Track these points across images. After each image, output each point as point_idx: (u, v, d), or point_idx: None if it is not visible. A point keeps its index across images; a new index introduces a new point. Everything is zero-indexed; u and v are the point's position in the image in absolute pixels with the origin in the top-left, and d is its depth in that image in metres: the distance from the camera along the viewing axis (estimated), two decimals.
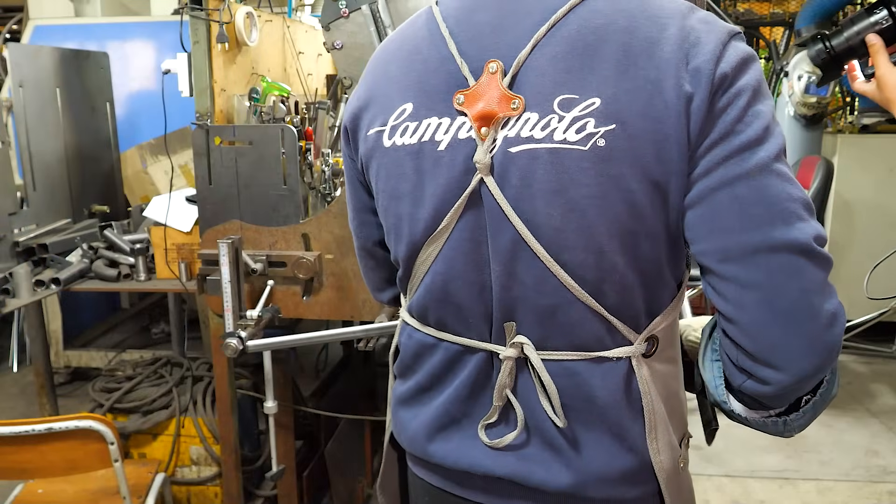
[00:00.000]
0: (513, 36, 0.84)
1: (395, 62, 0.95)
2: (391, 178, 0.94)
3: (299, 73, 2.87)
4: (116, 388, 2.70)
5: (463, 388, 0.96)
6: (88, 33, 4.31)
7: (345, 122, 1.01)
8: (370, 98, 0.96)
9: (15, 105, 2.76)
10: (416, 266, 0.96)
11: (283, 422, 2.39)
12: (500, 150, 0.84)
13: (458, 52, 0.87)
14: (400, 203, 0.93)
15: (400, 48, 0.96)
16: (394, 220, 0.96)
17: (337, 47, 1.92)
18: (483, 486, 0.97)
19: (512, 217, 0.84)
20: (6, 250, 2.61)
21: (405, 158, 0.90)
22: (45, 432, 1.80)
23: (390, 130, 0.92)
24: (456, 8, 0.91)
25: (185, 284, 2.51)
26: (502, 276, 0.88)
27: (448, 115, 0.87)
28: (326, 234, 2.07)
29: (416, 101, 0.90)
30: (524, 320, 0.89)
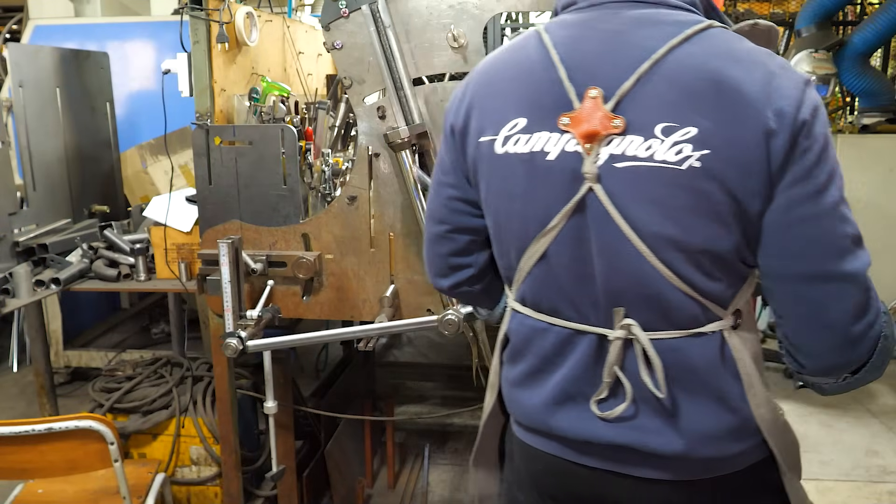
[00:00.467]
0: (616, 68, 1.00)
1: (507, 81, 1.11)
2: (504, 181, 1.10)
3: (299, 73, 2.87)
4: (116, 388, 2.70)
5: (575, 368, 1.11)
6: (88, 33, 4.31)
7: (451, 121, 1.18)
8: (479, 107, 1.13)
9: (15, 105, 2.76)
10: (525, 259, 1.11)
11: (283, 422, 2.39)
12: (605, 164, 1.00)
13: (567, 79, 1.03)
14: (512, 203, 1.10)
15: (511, 68, 1.12)
16: (504, 218, 1.13)
17: (337, 47, 1.92)
18: (599, 453, 1.12)
19: (619, 221, 1.00)
20: (6, 250, 2.61)
21: (517, 165, 1.07)
22: (45, 432, 1.81)
23: (503, 140, 1.08)
24: (564, 36, 1.07)
25: (185, 284, 2.51)
26: (607, 269, 1.04)
27: (557, 132, 1.03)
28: (326, 234, 2.07)
29: (529, 116, 1.06)
30: (629, 306, 1.04)
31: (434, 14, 1.88)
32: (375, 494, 3.06)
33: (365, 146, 1.97)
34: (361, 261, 2.07)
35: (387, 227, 2.03)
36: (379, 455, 3.29)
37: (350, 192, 2.02)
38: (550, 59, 1.04)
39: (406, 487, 3.07)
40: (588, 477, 1.14)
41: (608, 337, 1.06)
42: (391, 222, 2.03)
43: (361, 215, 2.04)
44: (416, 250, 2.03)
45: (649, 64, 0.98)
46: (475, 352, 2.07)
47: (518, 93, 1.08)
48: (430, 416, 3.78)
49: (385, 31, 1.86)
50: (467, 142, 1.15)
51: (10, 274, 2.46)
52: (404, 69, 1.87)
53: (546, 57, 1.05)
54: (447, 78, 1.94)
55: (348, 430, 3.04)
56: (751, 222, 0.99)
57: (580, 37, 1.05)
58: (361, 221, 2.04)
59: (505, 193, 1.11)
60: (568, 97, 1.02)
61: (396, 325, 1.99)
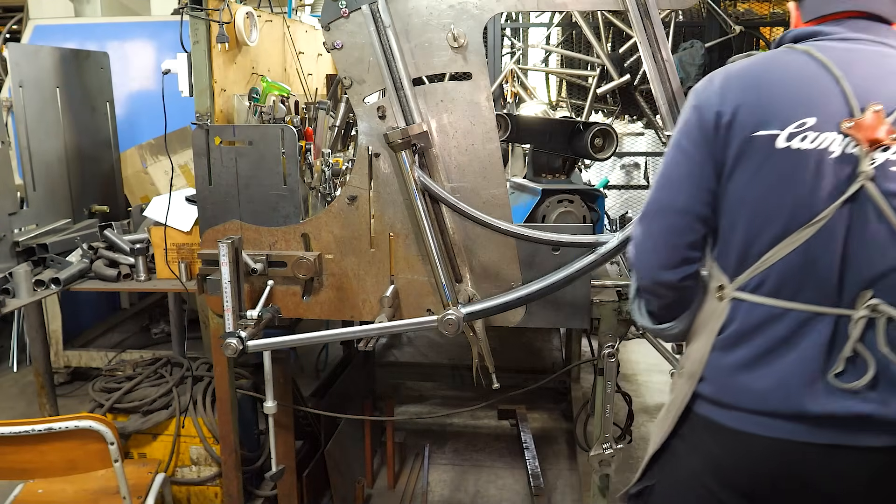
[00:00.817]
0: (891, 91, 1.23)
1: (782, 86, 1.27)
2: (779, 174, 1.24)
3: (299, 73, 2.87)
4: (116, 388, 2.70)
5: (811, 348, 1.24)
6: (88, 33, 4.30)
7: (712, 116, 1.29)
8: (751, 105, 1.27)
9: (15, 105, 2.75)
10: (780, 247, 1.25)
11: (283, 422, 2.39)
12: (881, 166, 1.20)
13: (852, 93, 1.22)
14: (783, 194, 1.24)
15: (785, 76, 1.28)
16: (767, 208, 1.26)
17: (337, 47, 1.92)
18: (833, 427, 1.24)
19: (889, 216, 1.20)
20: (6, 250, 2.61)
21: (801, 159, 1.23)
22: (45, 432, 1.80)
23: (788, 136, 1.23)
24: (835, 58, 1.26)
25: (185, 284, 2.51)
26: (869, 257, 1.22)
27: (840, 134, 1.22)
28: (326, 234, 2.07)
29: (819, 117, 1.23)
30: (880, 289, 1.23)
31: (434, 14, 1.88)
32: (375, 494, 3.06)
33: (365, 146, 1.97)
34: (361, 261, 2.07)
35: (387, 227, 2.03)
36: (379, 455, 3.29)
37: (350, 192, 2.02)
38: (832, 73, 1.25)
39: (406, 487, 3.07)
40: (815, 454, 1.27)
41: (852, 317, 1.23)
42: (391, 222, 2.02)
43: (361, 215, 2.04)
44: (416, 250, 2.03)
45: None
46: (475, 352, 2.07)
47: (801, 97, 1.25)
48: (430, 416, 3.78)
49: (385, 31, 1.86)
50: (731, 135, 1.27)
51: (10, 274, 2.46)
52: (404, 69, 1.87)
53: (826, 71, 1.25)
54: (447, 78, 1.94)
55: (348, 430, 3.04)
56: None
57: (851, 60, 1.26)
58: (361, 221, 2.04)
59: (776, 185, 1.25)
60: (850, 107, 1.22)
61: (396, 325, 1.99)
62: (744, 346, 1.30)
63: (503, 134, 2.47)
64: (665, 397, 4.30)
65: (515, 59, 5.56)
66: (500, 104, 5.37)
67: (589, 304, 2.03)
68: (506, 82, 5.38)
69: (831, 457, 1.26)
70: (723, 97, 1.29)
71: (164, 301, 4.35)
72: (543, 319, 2.07)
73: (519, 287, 1.96)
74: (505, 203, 1.96)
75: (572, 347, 3.80)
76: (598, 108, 5.53)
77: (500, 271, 2.00)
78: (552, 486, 3.11)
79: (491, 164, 1.94)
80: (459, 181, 1.95)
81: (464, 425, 3.68)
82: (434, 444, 3.44)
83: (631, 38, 5.18)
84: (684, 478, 1.42)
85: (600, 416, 2.07)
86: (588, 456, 2.11)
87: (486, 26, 1.93)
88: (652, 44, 1.76)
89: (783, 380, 1.26)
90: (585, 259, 1.86)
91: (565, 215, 2.24)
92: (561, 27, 5.46)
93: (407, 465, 3.26)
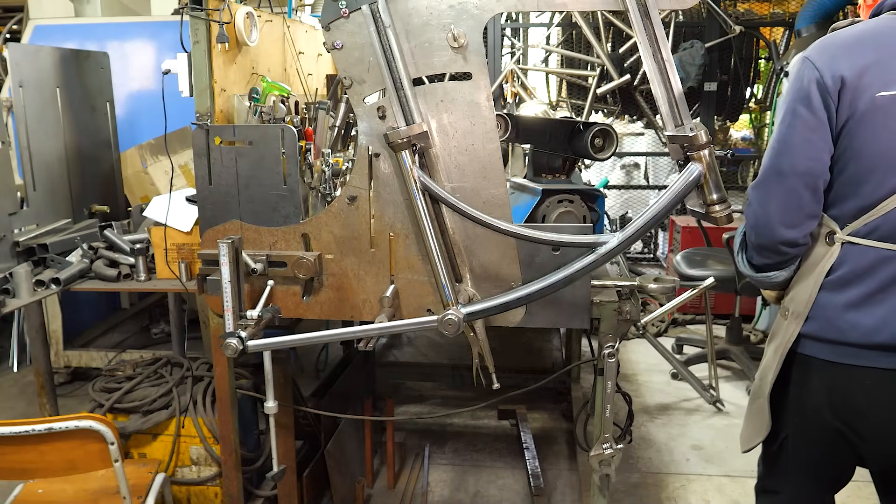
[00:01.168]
0: None
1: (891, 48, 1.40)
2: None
3: (299, 73, 2.87)
4: (116, 388, 2.70)
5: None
6: (88, 33, 4.31)
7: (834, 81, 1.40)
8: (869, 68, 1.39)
9: (15, 105, 2.76)
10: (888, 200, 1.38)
11: (283, 422, 2.39)
12: None
13: None
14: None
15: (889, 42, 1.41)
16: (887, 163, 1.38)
17: (337, 47, 1.92)
18: None
19: None
20: (6, 250, 2.61)
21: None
22: (45, 432, 1.80)
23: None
24: None
25: (185, 284, 2.51)
26: None
27: None
28: (326, 234, 2.07)
29: None
30: None
31: (434, 14, 1.88)
32: (375, 494, 3.06)
33: (365, 146, 1.97)
34: (361, 261, 2.07)
35: (387, 227, 2.03)
36: (379, 455, 3.29)
37: (350, 192, 2.02)
38: None
39: (406, 487, 3.07)
40: None
41: None
42: (391, 222, 2.02)
43: (361, 215, 2.04)
44: (416, 250, 2.03)
45: None
46: (475, 352, 2.07)
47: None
48: (430, 416, 3.78)
49: (385, 31, 1.85)
50: (854, 96, 1.40)
51: (10, 274, 2.46)
52: (404, 69, 1.87)
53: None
54: (447, 78, 1.94)
55: (348, 430, 3.04)
56: None
57: None
58: (361, 221, 2.04)
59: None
60: None
61: (396, 325, 1.99)
62: (854, 287, 1.45)
63: (503, 134, 2.47)
64: (665, 397, 4.33)
65: (515, 59, 5.56)
66: (500, 104, 5.37)
67: (589, 304, 2.03)
68: (506, 82, 5.38)
69: None
70: (842, 63, 1.40)
71: (164, 301, 4.35)
72: (543, 319, 2.07)
73: (519, 287, 1.96)
74: (505, 203, 1.96)
75: (572, 347, 3.81)
76: (598, 108, 5.53)
77: (500, 271, 2.00)
78: (552, 486, 3.11)
79: (491, 164, 1.94)
80: (459, 181, 1.95)
81: (464, 425, 3.68)
82: (434, 444, 3.44)
83: (631, 38, 5.18)
84: (809, 420, 1.57)
85: (600, 416, 2.07)
86: (588, 456, 2.11)
87: (486, 26, 1.93)
88: (652, 44, 1.76)
89: (888, 314, 1.42)
90: (585, 259, 1.86)
91: (565, 215, 2.24)
92: (561, 27, 5.47)
93: (407, 465, 3.26)
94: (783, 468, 1.68)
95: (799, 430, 1.60)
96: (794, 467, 1.65)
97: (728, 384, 4.17)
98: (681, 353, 4.60)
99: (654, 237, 6.30)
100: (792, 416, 1.61)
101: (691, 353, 4.51)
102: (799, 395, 1.57)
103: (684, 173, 1.77)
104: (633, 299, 2.06)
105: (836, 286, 1.48)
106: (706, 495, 3.02)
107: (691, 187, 1.78)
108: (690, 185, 1.77)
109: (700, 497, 3.02)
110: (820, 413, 1.54)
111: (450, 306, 1.92)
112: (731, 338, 4.34)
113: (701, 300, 4.62)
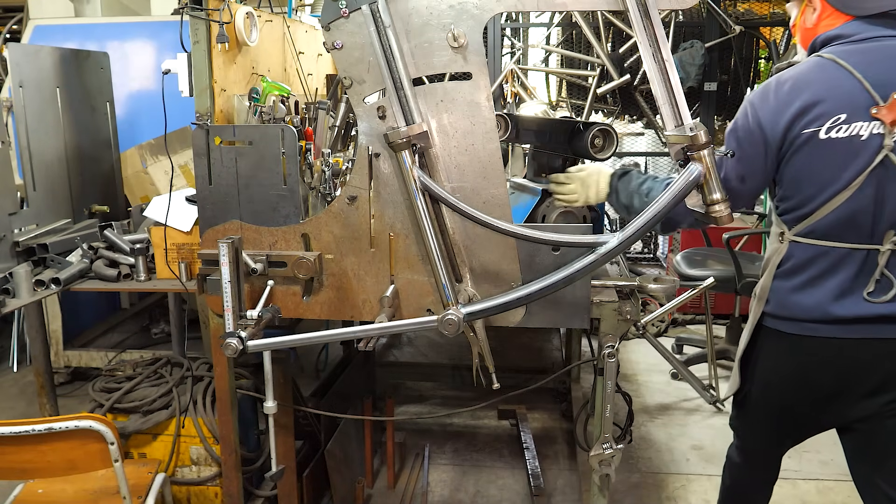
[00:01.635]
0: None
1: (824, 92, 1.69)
2: (825, 157, 1.70)
3: (299, 73, 2.87)
4: (116, 388, 2.70)
5: (849, 274, 1.75)
6: (88, 33, 4.31)
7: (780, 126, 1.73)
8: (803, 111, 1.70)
9: (15, 105, 2.75)
10: (828, 205, 1.71)
11: (283, 422, 2.39)
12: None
13: (871, 87, 1.65)
14: (825, 170, 1.70)
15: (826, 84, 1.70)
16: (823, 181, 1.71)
17: (337, 47, 1.91)
18: (865, 326, 1.75)
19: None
20: (6, 250, 2.61)
21: (839, 146, 1.68)
22: (45, 432, 1.81)
23: (826, 130, 1.68)
24: (855, 62, 1.68)
25: (185, 284, 2.51)
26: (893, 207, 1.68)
27: (867, 121, 1.66)
28: (326, 234, 2.07)
29: (848, 112, 1.67)
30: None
31: (434, 14, 1.88)
32: (375, 494, 3.06)
33: (365, 146, 1.97)
34: (361, 261, 2.07)
35: (387, 227, 2.03)
36: (379, 455, 3.29)
37: (350, 192, 2.02)
38: (854, 76, 1.67)
39: (406, 487, 3.07)
40: (852, 345, 1.78)
41: (880, 250, 1.71)
42: (391, 222, 2.02)
43: (361, 215, 2.04)
44: (416, 250, 2.03)
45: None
46: (475, 352, 2.07)
47: (835, 99, 1.68)
48: (430, 416, 3.78)
49: (385, 31, 1.85)
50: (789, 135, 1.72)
51: (10, 274, 2.46)
52: (404, 69, 1.87)
53: (848, 74, 1.68)
54: (447, 78, 1.94)
55: (348, 430, 3.04)
56: None
57: (868, 61, 1.68)
58: (361, 221, 2.04)
59: (821, 165, 1.70)
60: (873, 99, 1.65)
61: (396, 325, 1.99)
62: (798, 275, 1.80)
63: (503, 134, 2.47)
64: (665, 397, 4.33)
65: (515, 59, 5.56)
66: (500, 104, 5.37)
67: (589, 304, 2.03)
68: (506, 82, 5.38)
69: (865, 346, 1.77)
70: (778, 110, 1.74)
71: (164, 301, 4.35)
72: (543, 319, 2.07)
73: (519, 287, 1.96)
74: (505, 203, 1.96)
75: (572, 347, 3.81)
76: (598, 108, 5.53)
77: (500, 271, 2.00)
78: (552, 486, 3.11)
79: (491, 164, 1.94)
80: (459, 181, 1.95)
81: (464, 425, 3.68)
82: (434, 444, 3.44)
83: (631, 38, 5.18)
84: (763, 377, 1.96)
85: (600, 416, 2.07)
86: (588, 456, 2.11)
87: (486, 26, 1.93)
88: (652, 44, 1.76)
89: (823, 297, 1.77)
90: (585, 259, 1.86)
91: (565, 215, 2.24)
92: (561, 27, 5.46)
93: (407, 465, 3.27)
94: (746, 413, 2.09)
95: (760, 383, 1.99)
96: (754, 414, 2.06)
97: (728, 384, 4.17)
98: (681, 353, 4.60)
99: (654, 237, 6.30)
100: (755, 373, 1.99)
101: (691, 353, 4.51)
102: (760, 356, 1.96)
103: (684, 173, 1.77)
104: (633, 299, 2.06)
105: (786, 275, 1.83)
106: (706, 495, 3.02)
107: (691, 187, 1.78)
108: (690, 185, 1.77)
109: (700, 497, 3.02)
110: (772, 374, 1.94)
111: (450, 306, 1.92)
112: (731, 338, 4.34)
113: (701, 300, 4.62)
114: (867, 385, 1.81)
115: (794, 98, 1.71)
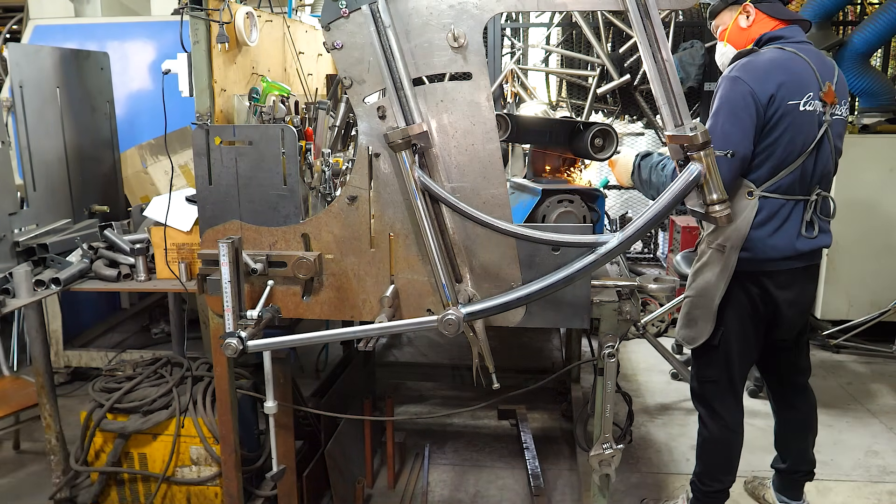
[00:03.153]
0: (831, 73, 2.25)
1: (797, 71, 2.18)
2: (800, 126, 2.17)
3: (299, 73, 2.87)
4: (116, 388, 2.70)
5: (796, 218, 2.26)
6: (88, 33, 4.31)
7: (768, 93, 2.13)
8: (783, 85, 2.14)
9: (15, 105, 2.76)
10: (792, 165, 2.19)
11: (283, 422, 2.39)
12: (830, 117, 2.22)
13: (819, 76, 2.19)
14: (797, 137, 2.18)
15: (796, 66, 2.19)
16: (791, 145, 2.18)
17: (337, 47, 1.92)
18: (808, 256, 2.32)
19: (833, 142, 2.26)
20: (6, 250, 2.61)
21: (808, 117, 2.18)
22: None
23: (803, 103, 2.16)
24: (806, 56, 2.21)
25: (185, 284, 2.51)
26: (823, 166, 2.26)
27: (819, 100, 2.19)
28: (326, 234, 2.07)
29: (812, 92, 2.18)
30: (822, 181, 2.28)
31: (434, 14, 1.88)
32: (375, 494, 3.06)
33: (365, 146, 1.97)
34: (361, 261, 2.07)
35: (387, 227, 2.03)
36: (379, 455, 3.29)
37: (350, 192, 2.02)
38: (810, 67, 2.19)
39: (406, 487, 3.07)
40: (801, 271, 2.33)
41: (809, 200, 2.25)
42: (391, 222, 2.03)
43: (361, 215, 2.04)
44: (416, 250, 2.03)
45: (837, 73, 2.26)
46: (475, 352, 2.07)
47: (804, 79, 2.18)
48: (430, 416, 3.78)
49: (385, 31, 1.85)
50: (775, 105, 2.14)
51: (10, 274, 2.46)
52: (404, 69, 1.87)
53: (807, 65, 2.19)
54: (447, 78, 1.94)
55: (348, 430, 3.04)
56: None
57: (808, 56, 2.21)
58: (361, 221, 2.04)
59: (797, 133, 2.17)
60: (819, 85, 2.19)
61: (396, 325, 1.99)
62: (769, 224, 2.23)
63: (503, 134, 2.47)
64: (665, 397, 4.31)
65: (515, 59, 5.56)
66: (500, 104, 5.37)
67: (589, 304, 2.03)
68: (506, 82, 5.38)
69: (805, 272, 2.36)
70: (767, 82, 2.14)
71: (164, 301, 4.36)
72: (543, 319, 2.07)
73: (519, 287, 1.96)
74: (505, 203, 1.96)
75: (572, 347, 3.81)
76: (598, 108, 5.53)
77: (500, 271, 2.00)
78: (552, 486, 3.11)
79: (491, 164, 1.94)
80: (459, 181, 1.95)
81: (464, 425, 3.68)
82: (434, 444, 3.44)
83: (631, 38, 5.18)
84: (743, 312, 2.35)
85: (600, 416, 2.07)
86: (588, 456, 2.11)
87: (486, 26, 1.93)
88: (652, 44, 1.76)
89: (789, 238, 2.25)
90: (585, 259, 1.86)
91: (565, 215, 2.24)
92: (561, 27, 5.46)
93: (407, 465, 3.26)
94: (719, 357, 2.42)
95: (736, 321, 2.36)
96: (728, 354, 2.40)
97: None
98: (681, 353, 4.60)
99: (654, 237, 6.30)
100: (732, 313, 2.35)
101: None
102: (739, 297, 2.33)
103: (684, 173, 1.77)
104: (633, 299, 2.06)
105: (759, 225, 2.23)
106: None
107: (691, 187, 1.78)
108: (690, 185, 1.77)
109: None
110: (753, 304, 2.34)
111: (450, 306, 1.92)
112: None
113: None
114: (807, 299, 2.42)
115: (774, 74, 2.15)
